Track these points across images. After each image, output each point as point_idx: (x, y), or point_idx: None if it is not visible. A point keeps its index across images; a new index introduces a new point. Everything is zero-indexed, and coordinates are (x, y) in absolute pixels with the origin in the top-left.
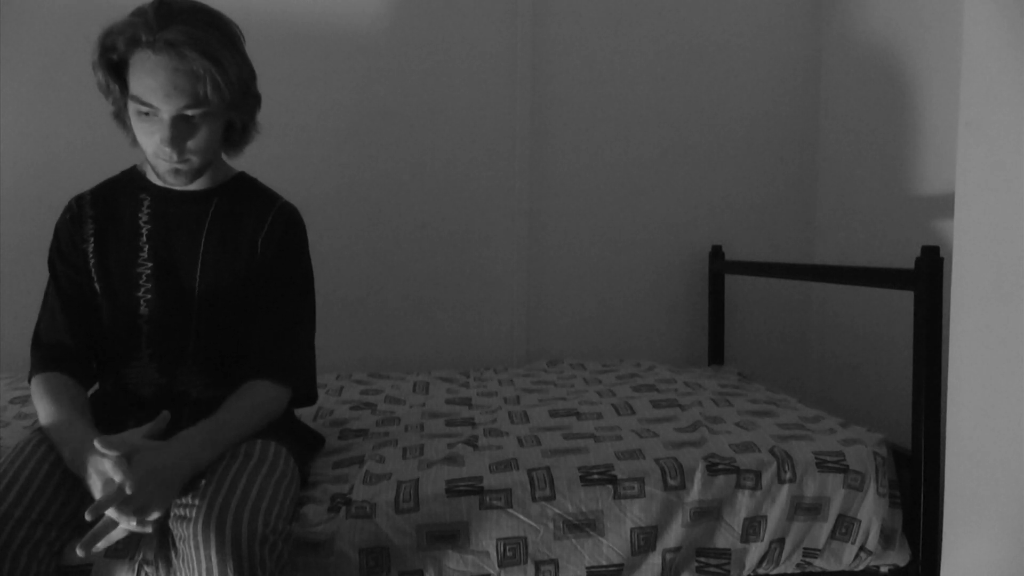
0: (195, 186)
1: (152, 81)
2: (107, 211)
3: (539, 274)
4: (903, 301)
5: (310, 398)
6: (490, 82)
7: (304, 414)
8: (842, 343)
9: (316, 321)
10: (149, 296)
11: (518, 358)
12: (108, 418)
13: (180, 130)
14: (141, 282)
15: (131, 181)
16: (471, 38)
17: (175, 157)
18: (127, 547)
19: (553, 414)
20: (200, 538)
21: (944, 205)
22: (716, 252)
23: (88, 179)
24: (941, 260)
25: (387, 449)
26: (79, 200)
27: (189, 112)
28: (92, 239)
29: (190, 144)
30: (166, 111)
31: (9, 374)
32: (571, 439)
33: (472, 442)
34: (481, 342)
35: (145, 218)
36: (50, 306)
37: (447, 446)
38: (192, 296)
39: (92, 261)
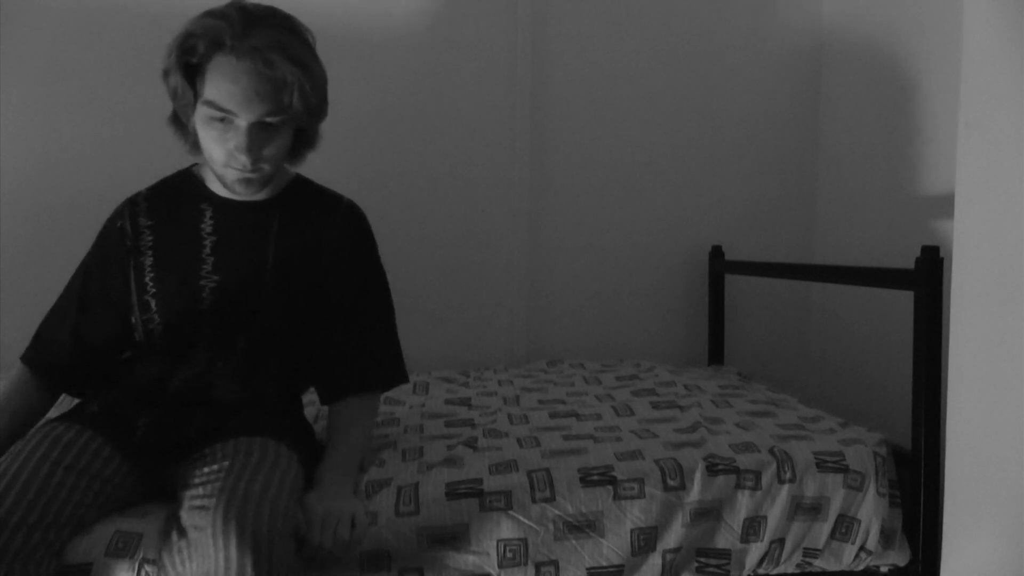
0: (258, 196)
1: (234, 87)
2: (166, 221)
3: (539, 274)
4: (903, 301)
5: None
6: (490, 82)
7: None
8: (842, 343)
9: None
10: (211, 310)
11: (518, 358)
12: (117, 420)
13: (257, 138)
14: (204, 295)
15: (189, 187)
16: (471, 39)
17: (249, 165)
18: (127, 547)
19: (553, 415)
20: (219, 526)
21: (944, 205)
22: (716, 252)
23: (87, 179)
24: (941, 260)
25: (386, 452)
26: (132, 207)
27: (268, 119)
28: (151, 251)
29: (265, 152)
30: (244, 118)
31: (9, 374)
32: (571, 440)
33: (471, 443)
34: (481, 342)
35: (208, 229)
36: (66, 303)
37: (446, 447)
38: (255, 310)
39: (150, 275)
